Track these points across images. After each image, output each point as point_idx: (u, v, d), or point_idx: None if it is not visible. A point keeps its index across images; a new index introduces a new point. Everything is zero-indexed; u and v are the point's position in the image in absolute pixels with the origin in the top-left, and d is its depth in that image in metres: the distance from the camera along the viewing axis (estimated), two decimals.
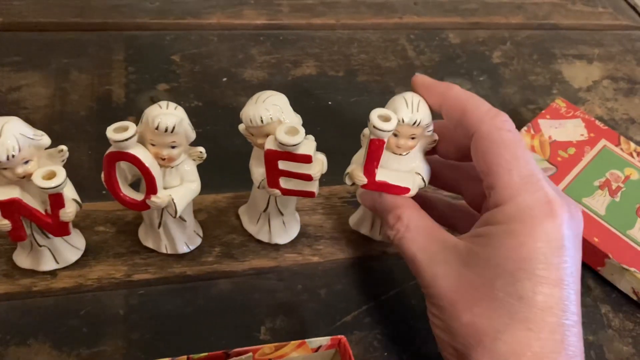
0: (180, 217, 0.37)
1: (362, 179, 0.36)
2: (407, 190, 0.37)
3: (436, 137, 0.38)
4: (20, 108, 0.48)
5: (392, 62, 0.59)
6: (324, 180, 0.39)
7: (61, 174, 0.32)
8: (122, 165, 0.35)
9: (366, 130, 0.37)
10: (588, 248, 0.44)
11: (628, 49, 0.67)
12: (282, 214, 0.40)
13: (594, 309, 0.43)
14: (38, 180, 0.32)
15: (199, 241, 0.41)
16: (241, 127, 0.37)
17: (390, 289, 0.42)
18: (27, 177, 0.32)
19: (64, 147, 0.34)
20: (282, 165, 0.35)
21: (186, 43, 0.56)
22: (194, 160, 0.36)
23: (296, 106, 0.37)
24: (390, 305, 0.41)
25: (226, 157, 0.43)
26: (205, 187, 0.38)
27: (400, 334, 0.40)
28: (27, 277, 0.38)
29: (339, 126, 0.51)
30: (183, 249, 0.40)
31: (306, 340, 0.33)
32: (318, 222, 0.45)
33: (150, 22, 0.57)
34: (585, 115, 0.54)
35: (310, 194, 0.37)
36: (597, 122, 0.53)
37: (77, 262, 0.39)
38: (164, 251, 0.40)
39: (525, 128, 0.51)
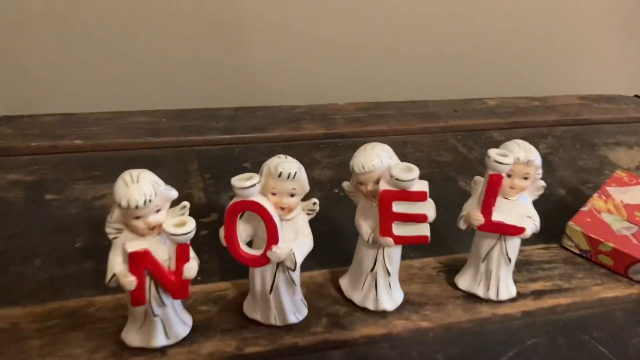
0: (292, 279, 0.37)
1: (480, 219, 0.37)
2: (522, 229, 0.38)
3: (544, 183, 0.39)
4: (106, 212, 0.48)
5: (446, 157, 0.62)
6: (412, 255, 0.43)
7: (191, 222, 0.32)
8: (240, 227, 0.35)
9: (477, 178, 0.39)
10: None
11: None
12: (389, 273, 0.40)
13: None
14: (170, 227, 0.32)
15: (305, 311, 0.40)
16: (345, 184, 0.39)
17: (509, 349, 0.40)
18: (157, 227, 0.32)
19: (186, 204, 0.34)
20: (396, 207, 0.36)
21: (254, 153, 0.59)
22: (307, 214, 0.37)
23: None
24: None
25: (314, 241, 0.43)
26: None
27: None
28: (136, 357, 0.36)
29: None
30: (292, 318, 0.39)
31: None
32: (419, 290, 0.43)
33: (219, 137, 0.61)
34: None
35: (424, 239, 0.37)
36: None
37: (185, 338, 0.37)
38: (273, 322, 0.38)
39: (596, 194, 0.53)
